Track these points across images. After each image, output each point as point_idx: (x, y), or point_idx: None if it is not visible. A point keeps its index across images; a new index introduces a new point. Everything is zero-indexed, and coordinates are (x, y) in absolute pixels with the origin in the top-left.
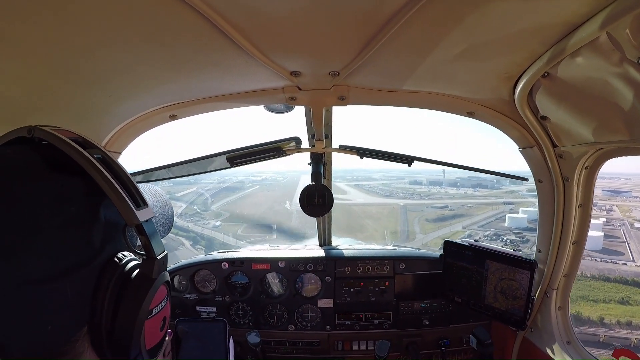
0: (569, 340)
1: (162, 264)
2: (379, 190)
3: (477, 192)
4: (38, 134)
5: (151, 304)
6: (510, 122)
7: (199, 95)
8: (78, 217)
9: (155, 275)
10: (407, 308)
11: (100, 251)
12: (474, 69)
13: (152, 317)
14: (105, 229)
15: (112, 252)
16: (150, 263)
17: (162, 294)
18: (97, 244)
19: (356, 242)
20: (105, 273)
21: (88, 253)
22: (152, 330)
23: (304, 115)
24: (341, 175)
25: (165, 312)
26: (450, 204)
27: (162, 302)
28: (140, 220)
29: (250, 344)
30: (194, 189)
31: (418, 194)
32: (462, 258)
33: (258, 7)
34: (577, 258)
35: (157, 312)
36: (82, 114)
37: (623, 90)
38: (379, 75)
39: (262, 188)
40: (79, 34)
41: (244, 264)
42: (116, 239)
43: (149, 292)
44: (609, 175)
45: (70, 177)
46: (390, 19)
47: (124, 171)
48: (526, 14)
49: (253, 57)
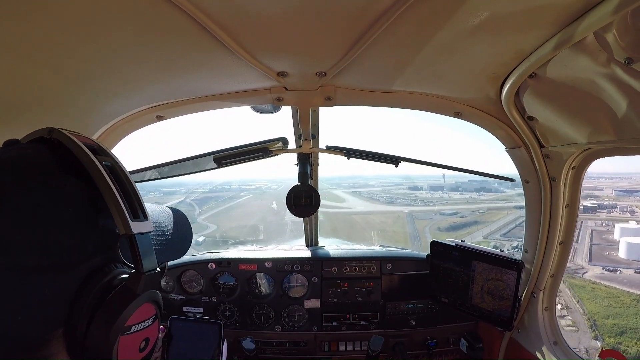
0: (556, 340)
1: (151, 281)
2: (379, 197)
3: (482, 197)
4: (56, 135)
5: (129, 320)
6: (497, 123)
7: (185, 96)
8: (76, 220)
9: (139, 291)
10: (394, 308)
11: (90, 257)
12: (461, 69)
13: (129, 334)
14: (101, 237)
15: (103, 261)
16: (137, 278)
17: (147, 313)
18: (89, 250)
19: (343, 242)
20: (92, 279)
21: (78, 256)
22: (128, 348)
23: (290, 116)
24: (337, 182)
25: (148, 333)
26: (459, 210)
27: (146, 321)
28: (134, 231)
29: (245, 350)
30: (183, 198)
31: (421, 200)
32: (449, 258)
33: (245, 7)
34: (564, 258)
35: (137, 330)
36: (69, 113)
37: (610, 91)
38: (366, 76)
39: (256, 197)
40: (65, 33)
41: (231, 264)
42: (111, 249)
43: (129, 307)
44: (609, 175)
45: (76, 180)
46: (377, 19)
47: (130, 182)
48: (513, 15)
49: (240, 58)
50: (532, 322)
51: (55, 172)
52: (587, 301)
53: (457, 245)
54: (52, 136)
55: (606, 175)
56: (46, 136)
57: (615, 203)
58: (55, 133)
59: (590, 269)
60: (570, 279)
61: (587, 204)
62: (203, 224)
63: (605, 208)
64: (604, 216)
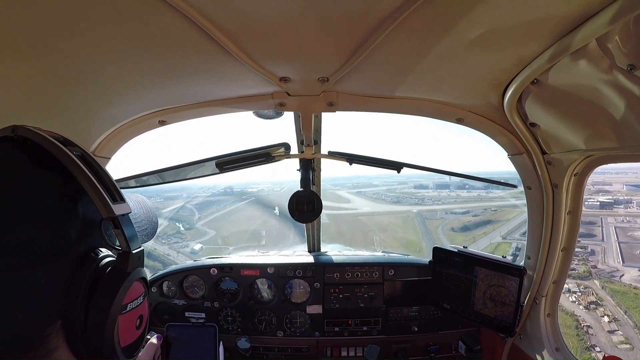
0: (558, 347)
1: (138, 259)
2: (384, 196)
3: (490, 194)
4: (22, 132)
5: (125, 299)
6: (500, 129)
7: (188, 101)
8: (55, 210)
9: (129, 269)
10: (396, 314)
11: (76, 245)
12: (462, 76)
13: (126, 312)
14: (83, 224)
15: (89, 247)
16: (125, 257)
17: (138, 291)
18: (74, 238)
19: (345, 248)
20: (81, 267)
21: (64, 245)
22: (126, 328)
23: (293, 121)
24: (341, 182)
25: (141, 310)
26: (471, 209)
27: (138, 299)
28: (116, 213)
29: (240, 349)
30: (183, 203)
31: (429, 199)
32: (451, 264)
33: (247, 12)
34: (566, 265)
35: (132, 308)
36: (71, 118)
37: (612, 98)
38: (368, 82)
39: (258, 200)
40: (68, 39)
41: (233, 269)
42: (94, 235)
43: (122, 286)
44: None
45: (49, 173)
46: (380, 25)
47: (103, 169)
48: (516, 21)
49: (242, 63)
50: (534, 329)
51: (26, 168)
52: (635, 310)
53: (459, 251)
54: (17, 133)
55: (612, 171)
56: (10, 134)
57: (629, 198)
58: (20, 130)
59: (626, 271)
60: (610, 284)
61: (602, 200)
62: (202, 229)
63: (622, 203)
64: (623, 212)
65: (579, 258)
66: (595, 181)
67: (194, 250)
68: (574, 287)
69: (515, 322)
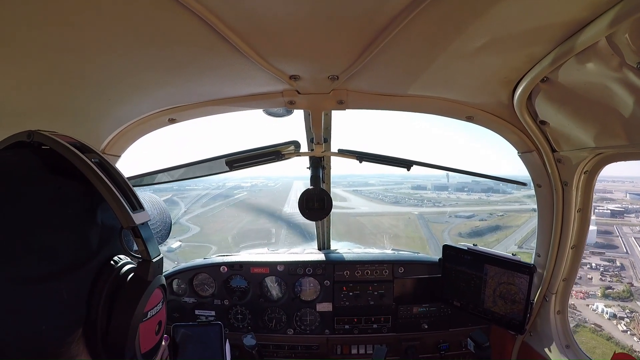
0: (568, 344)
1: (158, 267)
2: (382, 196)
3: (490, 197)
4: (38, 138)
5: (146, 307)
6: (510, 127)
7: (198, 99)
8: (74, 219)
9: (150, 278)
10: (406, 312)
11: (96, 254)
12: (473, 74)
13: (147, 320)
14: (102, 232)
15: (108, 255)
16: (146, 266)
17: (158, 298)
18: (94, 247)
19: (355, 246)
20: (101, 275)
21: (84, 255)
22: (147, 334)
23: (303, 119)
24: (336, 181)
25: (160, 316)
26: (476, 212)
27: (158, 305)
28: (137, 222)
29: (246, 346)
30: (169, 196)
31: (428, 200)
32: (461, 262)
33: (257, 11)
34: (576, 262)
35: (152, 315)
36: (81, 117)
37: (622, 95)
38: (378, 80)
39: (250, 195)
40: (77, 38)
41: (243, 267)
42: (113, 242)
43: (144, 294)
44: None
45: (68, 180)
46: (389, 24)
47: (121, 175)
48: (525, 19)
49: (252, 61)
50: (545, 326)
51: (45, 175)
52: None
53: (469, 249)
54: (33, 139)
55: (607, 179)
56: (26, 140)
57: (638, 207)
58: (36, 136)
59: None
60: None
61: (613, 208)
62: (185, 225)
63: (632, 212)
64: (636, 221)
65: (611, 274)
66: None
67: (171, 248)
68: (619, 312)
69: (525, 320)
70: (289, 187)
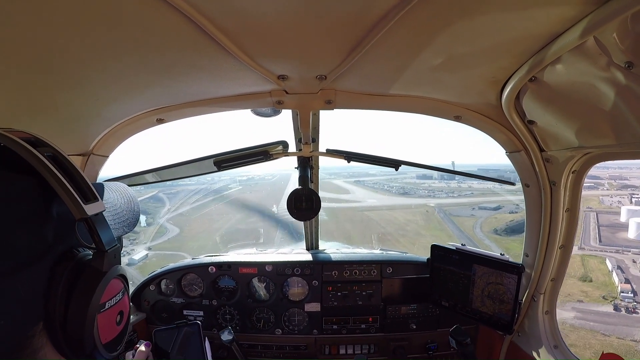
0: (556, 344)
1: (114, 258)
2: (387, 187)
3: (503, 186)
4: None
5: (103, 298)
6: (498, 126)
7: (186, 99)
8: (28, 215)
9: (105, 268)
10: (395, 312)
11: (52, 247)
12: (460, 73)
13: (105, 310)
14: (58, 225)
15: (65, 248)
16: (100, 256)
17: (116, 288)
18: (50, 240)
19: (343, 246)
20: (58, 269)
21: (40, 249)
22: (106, 325)
23: (291, 119)
24: (335, 172)
25: (121, 306)
26: (501, 203)
27: (117, 296)
28: (89, 214)
29: (223, 341)
30: (156, 192)
31: (439, 191)
32: (449, 262)
33: (245, 10)
34: (564, 262)
35: (111, 306)
36: (69, 117)
37: (610, 95)
38: (366, 79)
39: (246, 189)
40: (66, 39)
41: (231, 267)
42: (69, 236)
43: (99, 285)
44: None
45: (22, 176)
46: (377, 23)
47: (75, 168)
48: (513, 18)
49: (240, 61)
50: (533, 326)
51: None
52: None
53: (457, 249)
54: None
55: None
56: None
57: None
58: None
59: None
60: None
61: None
62: (164, 226)
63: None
64: None
65: None
66: (613, 175)
67: (133, 260)
68: None
69: (513, 320)
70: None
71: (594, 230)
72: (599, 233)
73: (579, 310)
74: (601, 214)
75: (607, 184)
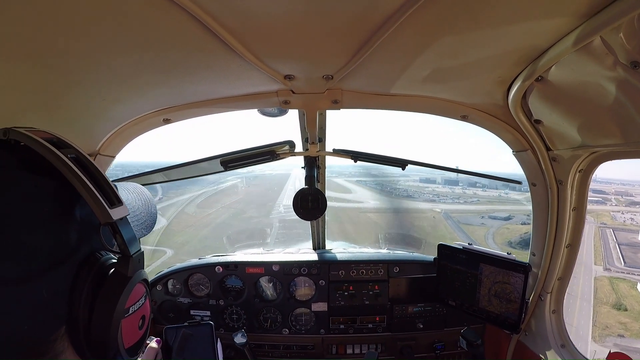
0: (563, 343)
1: (138, 262)
2: (390, 188)
3: (509, 195)
4: (13, 135)
5: (127, 303)
6: (504, 126)
7: (192, 99)
8: (52, 217)
9: (130, 273)
10: (401, 311)
11: (75, 250)
12: (467, 73)
13: (129, 315)
14: (81, 228)
15: (88, 251)
16: (125, 261)
17: (140, 292)
18: (73, 243)
19: (350, 246)
20: (81, 272)
21: (63, 252)
22: (130, 329)
23: (297, 119)
24: (337, 170)
25: (143, 310)
26: (512, 213)
27: (140, 300)
28: (114, 218)
29: (237, 344)
30: None
31: (444, 196)
32: (456, 261)
33: (252, 10)
34: (571, 261)
35: (135, 310)
36: (76, 117)
37: (616, 94)
38: (373, 79)
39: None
40: (73, 38)
41: (238, 267)
42: (92, 239)
43: (124, 290)
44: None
45: (45, 177)
46: (384, 23)
47: (98, 171)
48: (520, 18)
49: (246, 61)
50: (540, 325)
51: (20, 174)
52: None
53: (464, 248)
54: (9, 137)
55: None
56: (2, 137)
57: None
58: (11, 133)
59: None
60: None
61: None
62: None
63: None
64: None
65: None
66: (618, 190)
67: None
68: None
69: (520, 319)
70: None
71: (615, 250)
72: (621, 253)
73: (623, 348)
74: (617, 231)
75: (614, 199)
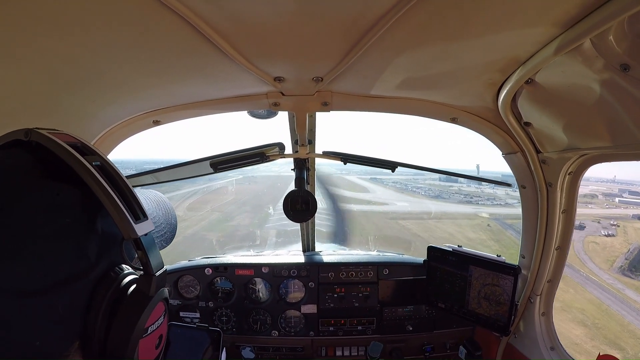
0: (553, 345)
1: (161, 281)
2: (412, 187)
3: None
4: (35, 137)
5: (147, 323)
6: (494, 128)
7: (182, 101)
8: (73, 228)
9: (152, 292)
10: (391, 314)
11: (95, 264)
12: (456, 76)
13: (147, 335)
14: (102, 241)
15: (108, 265)
16: (148, 280)
17: (159, 312)
18: (93, 257)
19: (339, 248)
20: (100, 287)
21: (82, 266)
22: (146, 349)
23: (287, 121)
24: (347, 168)
25: (161, 329)
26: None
27: (159, 319)
28: (139, 234)
29: (244, 359)
30: None
31: (477, 196)
32: (445, 263)
33: (242, 12)
34: (560, 264)
35: (153, 330)
36: (66, 118)
37: (606, 97)
38: (363, 81)
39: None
40: (63, 39)
41: (228, 269)
42: (113, 252)
43: (145, 310)
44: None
45: (67, 185)
46: (373, 26)
47: (123, 180)
48: (509, 22)
49: (236, 63)
50: (529, 328)
51: (41, 180)
52: None
53: (454, 250)
54: (31, 138)
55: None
56: (23, 139)
57: None
58: (33, 134)
59: None
60: None
61: None
62: None
63: None
64: None
65: None
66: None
67: None
68: None
69: (509, 321)
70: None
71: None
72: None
73: None
74: None
75: None
